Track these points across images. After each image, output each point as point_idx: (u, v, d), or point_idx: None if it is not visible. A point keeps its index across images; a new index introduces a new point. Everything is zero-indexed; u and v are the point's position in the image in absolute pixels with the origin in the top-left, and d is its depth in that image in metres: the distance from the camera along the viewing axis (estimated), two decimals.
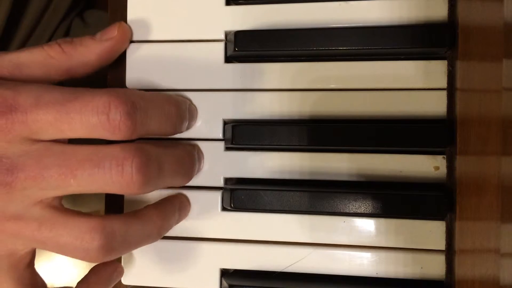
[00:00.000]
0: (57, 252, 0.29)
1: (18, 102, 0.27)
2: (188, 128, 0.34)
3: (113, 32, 0.33)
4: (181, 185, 0.33)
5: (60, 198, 0.29)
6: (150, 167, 0.28)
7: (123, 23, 0.34)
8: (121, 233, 0.28)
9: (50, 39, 0.50)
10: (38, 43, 0.49)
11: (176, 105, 0.31)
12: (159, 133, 0.31)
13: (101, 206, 0.37)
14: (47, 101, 0.27)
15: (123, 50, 0.34)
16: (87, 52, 0.32)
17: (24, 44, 0.50)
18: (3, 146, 0.27)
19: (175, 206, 0.33)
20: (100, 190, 0.28)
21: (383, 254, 0.32)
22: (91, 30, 0.51)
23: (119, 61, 0.35)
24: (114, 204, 0.36)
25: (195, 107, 0.34)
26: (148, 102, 0.29)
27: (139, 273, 0.35)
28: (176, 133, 0.33)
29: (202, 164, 0.34)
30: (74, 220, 0.28)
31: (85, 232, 0.27)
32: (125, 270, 0.35)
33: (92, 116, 0.27)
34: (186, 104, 0.33)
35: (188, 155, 0.32)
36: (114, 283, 0.34)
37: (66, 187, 0.27)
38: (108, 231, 0.28)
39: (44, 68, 0.31)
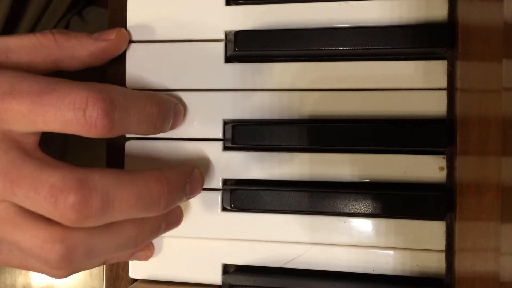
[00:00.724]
0: (21, 255, 0.27)
1: None
2: (172, 128, 0.33)
3: (111, 35, 0.33)
4: (148, 134, 0.31)
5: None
6: (88, 205, 0.25)
7: (123, 29, 0.34)
8: (84, 246, 0.27)
9: None
10: None
11: (158, 105, 0.30)
12: (138, 133, 0.30)
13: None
14: (22, 90, 0.26)
15: (116, 54, 0.34)
16: (80, 46, 0.31)
17: None
18: None
19: (160, 217, 0.31)
20: (40, 213, 0.26)
21: (383, 254, 0.32)
22: (90, 27, 0.51)
23: (119, 60, 0.35)
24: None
25: (182, 107, 0.33)
26: (129, 100, 0.28)
27: (145, 267, 0.35)
28: (158, 133, 0.32)
29: (200, 187, 0.31)
30: (37, 226, 0.26)
31: (45, 240, 0.26)
32: (133, 264, 0.36)
33: (68, 111, 0.26)
34: (171, 104, 0.32)
35: (163, 186, 0.28)
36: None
37: (10, 198, 0.26)
38: (70, 243, 0.26)
39: (32, 55, 0.30)
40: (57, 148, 0.54)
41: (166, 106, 0.31)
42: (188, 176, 0.30)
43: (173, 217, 0.33)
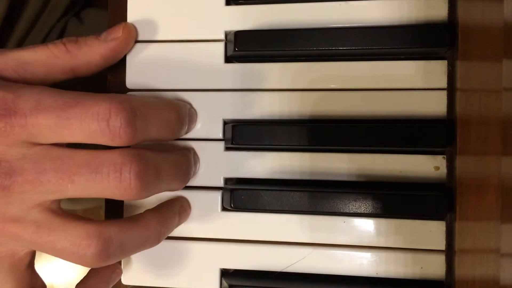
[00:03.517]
0: (55, 256, 0.29)
1: (18, 105, 0.27)
2: (187, 132, 0.34)
3: (118, 32, 0.33)
4: (177, 189, 0.33)
5: (59, 201, 0.29)
6: (148, 173, 0.28)
7: (128, 23, 0.34)
8: (118, 239, 0.28)
9: (46, 37, 0.50)
10: (34, 41, 0.49)
11: (176, 111, 0.31)
12: (158, 139, 0.31)
13: (101, 202, 0.37)
14: (48, 105, 0.27)
15: (127, 50, 0.34)
16: (91, 52, 0.32)
17: (21, 43, 0.50)
18: (2, 149, 0.27)
19: (175, 211, 0.33)
20: (98, 195, 0.28)
21: (383, 254, 0.32)
22: (88, 28, 0.51)
23: (119, 61, 0.35)
24: (114, 201, 0.36)
25: (195, 111, 0.34)
26: (148, 108, 0.29)
27: (139, 273, 0.35)
28: (175, 138, 0.33)
29: (197, 167, 0.34)
30: (72, 225, 0.28)
31: (82, 238, 0.27)
32: (125, 270, 0.35)
33: (92, 122, 0.27)
34: (186, 109, 0.33)
35: (185, 159, 0.32)
36: (113, 284, 0.34)
37: (63, 191, 0.27)
38: (105, 238, 0.28)
39: (48, 67, 0.31)
40: None
41: (182, 112, 0.32)
42: (192, 152, 0.34)
43: (183, 212, 0.34)
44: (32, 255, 0.31)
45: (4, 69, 0.30)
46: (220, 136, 0.34)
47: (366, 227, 0.32)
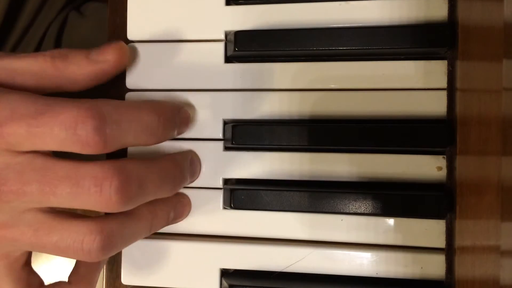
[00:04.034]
0: (57, 255, 0.29)
1: None
2: (179, 134, 0.33)
3: (108, 54, 0.31)
4: (168, 195, 0.32)
5: None
6: (129, 187, 0.28)
7: (121, 44, 0.32)
8: (119, 233, 0.29)
9: (46, 30, 0.50)
10: (36, 35, 0.49)
11: (158, 115, 0.30)
12: (139, 144, 0.30)
13: None
14: (21, 113, 0.27)
15: (116, 74, 0.32)
16: (78, 71, 0.31)
17: (23, 37, 0.50)
18: None
19: (170, 205, 0.33)
20: (81, 207, 0.28)
21: (383, 254, 0.32)
22: (88, 21, 0.51)
23: None
24: None
25: (189, 113, 0.33)
26: (123, 113, 0.28)
27: (139, 273, 0.35)
28: (163, 141, 0.32)
29: (199, 171, 0.34)
30: (72, 223, 0.28)
31: (85, 234, 0.28)
32: (125, 270, 0.35)
33: (60, 130, 0.26)
34: (174, 111, 0.32)
35: (176, 167, 0.32)
36: (101, 268, 0.34)
37: (47, 202, 0.27)
38: (108, 231, 0.28)
39: (36, 79, 0.30)
40: None
41: (168, 114, 0.31)
42: (189, 157, 0.34)
43: (180, 207, 0.34)
44: (29, 254, 0.31)
45: None
46: (220, 136, 0.34)
47: (366, 227, 0.32)
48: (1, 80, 0.30)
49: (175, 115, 0.32)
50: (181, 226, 0.34)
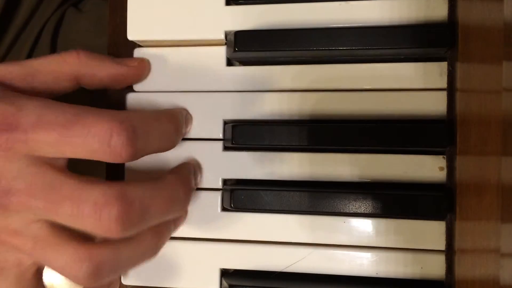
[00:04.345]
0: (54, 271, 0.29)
1: (19, 120, 0.27)
2: (183, 136, 0.34)
3: (134, 62, 0.34)
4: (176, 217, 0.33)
5: None
6: (130, 215, 0.27)
7: (145, 59, 0.34)
8: (112, 260, 0.28)
9: (43, 27, 0.50)
10: (32, 32, 0.49)
11: (175, 122, 0.31)
12: (158, 151, 0.31)
13: None
14: (49, 121, 0.27)
15: (136, 82, 0.35)
16: (101, 67, 0.32)
17: (19, 34, 0.50)
18: (2, 164, 0.27)
19: (170, 221, 0.32)
20: (82, 229, 0.28)
21: (383, 254, 0.32)
22: (87, 18, 0.51)
23: None
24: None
25: (191, 116, 0.34)
26: (149, 124, 0.29)
27: (139, 273, 0.35)
28: (174, 147, 0.33)
29: (198, 180, 0.34)
30: (64, 246, 0.28)
31: (73, 261, 0.27)
32: None
33: (93, 142, 0.27)
34: (183, 116, 0.33)
35: (183, 185, 0.31)
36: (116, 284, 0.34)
37: (52, 218, 0.27)
38: (98, 260, 0.27)
39: (56, 74, 0.31)
40: None
41: (180, 120, 0.32)
42: (193, 170, 0.33)
43: (179, 218, 0.34)
44: (39, 266, 0.31)
45: (12, 78, 0.30)
46: (220, 136, 0.34)
47: (366, 227, 0.32)
48: (21, 79, 0.30)
49: (183, 120, 0.33)
50: (179, 230, 0.34)
